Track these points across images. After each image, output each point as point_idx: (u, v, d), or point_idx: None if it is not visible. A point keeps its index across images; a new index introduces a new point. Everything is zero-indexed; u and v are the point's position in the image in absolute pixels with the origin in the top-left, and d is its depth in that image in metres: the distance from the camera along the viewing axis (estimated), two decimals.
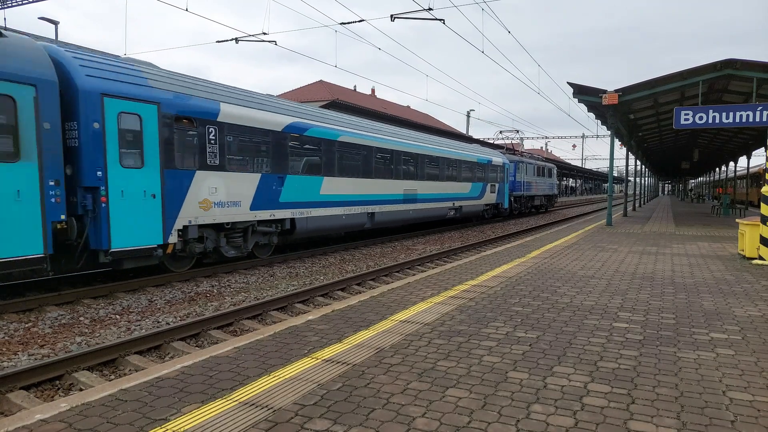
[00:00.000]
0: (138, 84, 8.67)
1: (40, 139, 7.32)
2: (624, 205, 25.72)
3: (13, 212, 7.04)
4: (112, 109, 8.19)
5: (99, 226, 8.04)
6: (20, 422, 2.93)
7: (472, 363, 3.89)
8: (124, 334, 6.47)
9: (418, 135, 19.31)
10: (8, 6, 19.67)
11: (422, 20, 18.33)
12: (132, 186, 8.48)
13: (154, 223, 8.84)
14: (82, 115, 7.87)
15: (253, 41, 16.12)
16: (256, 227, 11.24)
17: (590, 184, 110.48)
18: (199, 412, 3.07)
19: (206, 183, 9.83)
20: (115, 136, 8.25)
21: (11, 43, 7.19)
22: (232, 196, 10.45)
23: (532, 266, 8.58)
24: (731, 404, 3.17)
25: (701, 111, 13.74)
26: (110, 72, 8.36)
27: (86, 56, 8.33)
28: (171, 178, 9.11)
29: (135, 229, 8.52)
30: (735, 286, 7.02)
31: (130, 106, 8.43)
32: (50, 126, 7.46)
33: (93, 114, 7.97)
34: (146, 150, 8.67)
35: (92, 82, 7.98)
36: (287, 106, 12.30)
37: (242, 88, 11.66)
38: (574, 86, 16.40)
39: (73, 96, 7.84)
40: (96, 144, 8.00)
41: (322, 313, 5.48)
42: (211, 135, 9.90)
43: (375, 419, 2.96)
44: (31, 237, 7.24)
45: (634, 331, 4.77)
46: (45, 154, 7.38)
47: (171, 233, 9.14)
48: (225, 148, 10.20)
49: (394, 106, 44.98)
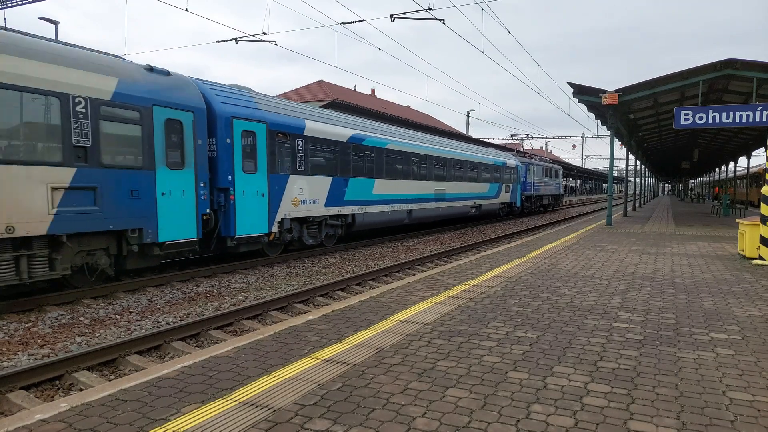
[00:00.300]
0: (252, 108, 11.01)
1: (195, 152, 9.59)
2: (624, 205, 25.73)
3: (181, 207, 9.37)
4: (238, 128, 10.51)
5: (228, 218, 10.36)
6: (20, 422, 2.93)
7: (472, 363, 3.89)
8: (124, 334, 6.47)
9: (445, 141, 21.84)
10: (8, 6, 19.68)
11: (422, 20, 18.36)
12: (249, 187, 10.82)
13: (263, 216, 11.21)
14: (219, 133, 10.18)
15: (253, 41, 16.12)
16: (327, 221, 13.62)
17: (590, 184, 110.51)
18: (199, 412, 3.07)
19: (296, 185, 12.20)
20: (240, 149, 10.56)
21: (175, 79, 9.45)
22: (313, 195, 12.84)
23: (532, 266, 8.58)
24: (731, 404, 3.17)
25: (701, 111, 13.74)
26: (235, 99, 10.75)
27: (219, 87, 10.75)
28: (274, 181, 11.48)
29: (251, 220, 10.86)
30: (735, 286, 7.02)
31: (248, 125, 10.76)
32: (201, 142, 9.71)
33: (226, 132, 10.25)
34: (258, 159, 11.01)
35: (225, 108, 10.32)
36: (349, 120, 14.92)
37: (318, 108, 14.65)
38: (574, 86, 16.40)
39: (213, 119, 10.17)
40: (227, 155, 10.28)
41: (322, 313, 5.48)
42: (299, 146, 12.28)
43: (375, 419, 2.96)
44: (190, 225, 9.56)
45: (634, 331, 4.77)
46: (198, 163, 9.67)
47: (273, 224, 11.50)
48: (308, 156, 12.57)
49: (394, 106, 44.99)
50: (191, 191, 9.51)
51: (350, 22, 15.01)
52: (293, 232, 12.39)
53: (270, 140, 11.29)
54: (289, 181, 11.95)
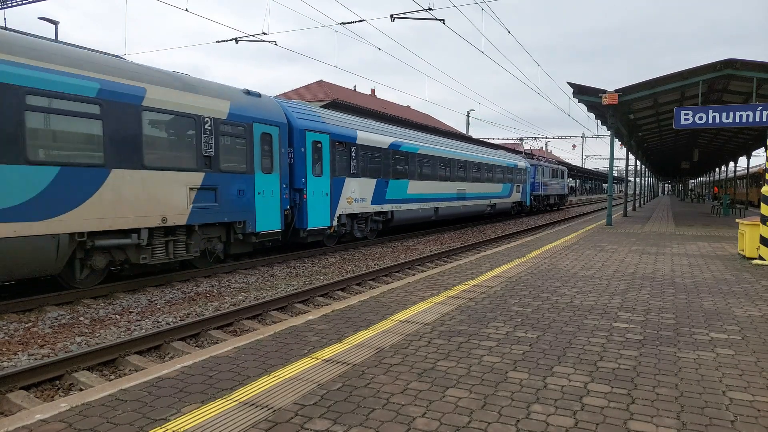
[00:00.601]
0: (319, 122, 13.22)
1: (280, 159, 11.73)
2: (624, 205, 25.73)
3: (270, 204, 11.45)
4: (309, 139, 12.61)
5: (302, 214, 12.46)
6: (20, 422, 2.93)
7: (472, 363, 3.89)
8: (124, 334, 6.47)
9: (465, 145, 23.79)
10: (8, 6, 19.67)
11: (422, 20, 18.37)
12: (317, 188, 12.94)
13: (327, 212, 13.33)
14: (296, 144, 12.32)
15: (253, 41, 16.12)
16: (372, 216, 15.76)
17: (590, 184, 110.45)
18: (199, 412, 3.07)
19: (350, 186, 14.30)
20: (310, 156, 12.64)
21: (265, 100, 11.66)
22: (362, 195, 14.93)
23: (532, 266, 8.58)
24: (731, 404, 3.17)
25: (701, 111, 13.74)
26: (307, 115, 12.91)
27: (295, 106, 12.90)
28: (335, 183, 13.62)
29: (318, 216, 12.99)
30: (735, 286, 7.02)
31: (317, 137, 12.90)
32: (284, 151, 11.84)
33: (301, 143, 12.38)
34: (324, 164, 13.17)
35: (300, 123, 12.46)
36: (389, 129, 17.23)
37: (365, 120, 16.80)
38: (574, 86, 16.40)
39: (291, 132, 12.33)
40: (302, 161, 12.41)
41: (322, 313, 5.48)
42: (353, 153, 14.39)
43: (375, 419, 2.96)
44: (276, 219, 11.65)
45: (634, 331, 4.77)
46: (282, 168, 11.80)
47: (333, 219, 13.63)
48: (359, 161, 14.68)
49: (394, 106, 44.98)
50: (277, 191, 11.70)
51: (350, 22, 15.00)
52: (347, 226, 14.52)
53: (332, 148, 13.49)
54: (345, 182, 14.13)
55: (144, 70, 8.96)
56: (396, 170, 16.65)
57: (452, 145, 21.68)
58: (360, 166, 14.70)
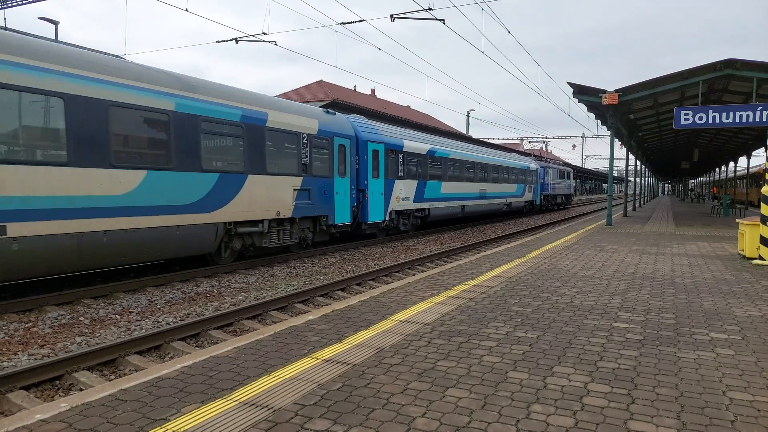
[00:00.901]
0: (377, 134, 15.80)
1: (350, 166, 14.30)
2: (624, 205, 25.73)
3: (343, 202, 14.01)
4: (370, 148, 15.17)
5: (364, 210, 15.00)
6: (20, 422, 2.93)
7: (472, 363, 3.89)
8: (124, 334, 6.47)
9: (485, 149, 26.65)
10: (8, 6, 19.67)
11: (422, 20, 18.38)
12: (376, 188, 15.46)
13: (382, 209, 15.82)
14: (361, 152, 14.91)
15: (253, 41, 16.12)
16: (414, 213, 18.27)
17: (589, 184, 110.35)
18: (199, 412, 3.07)
19: (398, 187, 16.79)
20: (371, 162, 15.17)
21: (340, 118, 14.33)
22: (407, 194, 17.39)
23: (532, 266, 8.58)
24: (731, 404, 3.17)
25: (701, 111, 13.74)
26: (368, 129, 15.49)
27: (359, 122, 15.46)
28: (388, 184, 16.15)
29: (376, 211, 15.50)
30: (735, 286, 7.02)
31: (375, 146, 15.48)
32: (352, 159, 14.43)
33: (364, 151, 14.95)
34: (380, 169, 15.68)
35: (364, 135, 15.04)
36: (426, 138, 19.90)
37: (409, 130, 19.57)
38: (574, 86, 16.39)
39: (357, 143, 14.85)
40: (365, 166, 14.96)
41: (322, 313, 5.48)
42: (400, 159, 16.98)
43: (375, 419, 2.96)
44: (347, 214, 14.20)
45: (634, 331, 4.77)
46: (351, 173, 14.39)
47: (386, 215, 16.14)
48: (404, 166, 17.21)
49: (394, 106, 44.96)
50: (348, 192, 14.24)
51: (350, 22, 15.00)
52: (394, 221, 16.97)
53: (386, 156, 16.03)
54: (395, 184, 16.63)
55: (266, 98, 11.70)
56: (431, 173, 19.09)
57: (475, 150, 24.13)
58: (405, 170, 17.28)
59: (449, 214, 20.75)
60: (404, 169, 17.17)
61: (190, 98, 9.53)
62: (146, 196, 8.72)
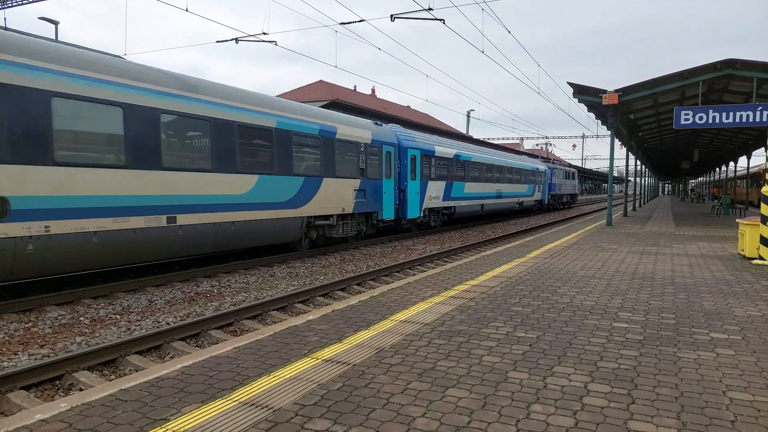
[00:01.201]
0: (414, 141, 18.09)
1: (394, 169, 16.53)
2: (624, 205, 25.73)
3: (389, 200, 16.19)
4: (409, 154, 17.47)
5: (404, 207, 17.24)
6: (20, 422, 2.93)
7: (472, 363, 3.89)
8: (124, 334, 6.47)
9: (500, 152, 29.26)
10: (8, 6, 19.67)
11: (422, 20, 18.43)
12: (413, 189, 17.73)
13: (418, 207, 18.12)
14: (402, 158, 17.17)
15: (253, 41, 16.11)
16: (442, 210, 20.55)
17: (589, 184, 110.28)
18: (199, 412, 3.07)
19: (431, 187, 19.07)
20: (410, 166, 17.42)
21: (386, 129, 16.64)
22: (437, 194, 19.64)
23: (532, 266, 8.58)
24: (731, 404, 3.17)
25: (701, 111, 13.74)
26: (407, 137, 17.84)
27: (400, 131, 17.80)
28: (422, 185, 18.43)
29: (414, 209, 17.83)
30: (735, 286, 7.02)
31: (413, 152, 17.76)
32: (395, 163, 16.66)
33: (404, 157, 17.23)
34: (417, 171, 17.97)
35: (405, 143, 17.34)
36: (453, 143, 22.39)
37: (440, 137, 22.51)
38: (574, 86, 16.39)
39: (399, 149, 17.08)
40: (405, 170, 17.23)
41: (322, 313, 5.48)
42: (432, 162, 19.18)
43: (375, 419, 2.96)
44: (392, 210, 16.48)
45: (634, 331, 4.77)
46: (395, 175, 16.61)
47: (421, 212, 18.41)
48: (435, 169, 19.45)
49: (394, 106, 44.96)
50: (392, 191, 16.50)
51: (350, 22, 15.00)
52: (427, 217, 19.23)
53: (421, 160, 18.29)
54: (428, 185, 18.86)
55: (335, 115, 14.22)
56: (457, 175, 21.30)
57: (492, 153, 26.72)
58: (436, 172, 19.44)
59: (471, 211, 23.10)
60: (435, 172, 19.36)
61: (286, 117, 11.98)
62: (258, 195, 11.17)
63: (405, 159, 17.16)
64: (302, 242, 13.09)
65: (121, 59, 8.98)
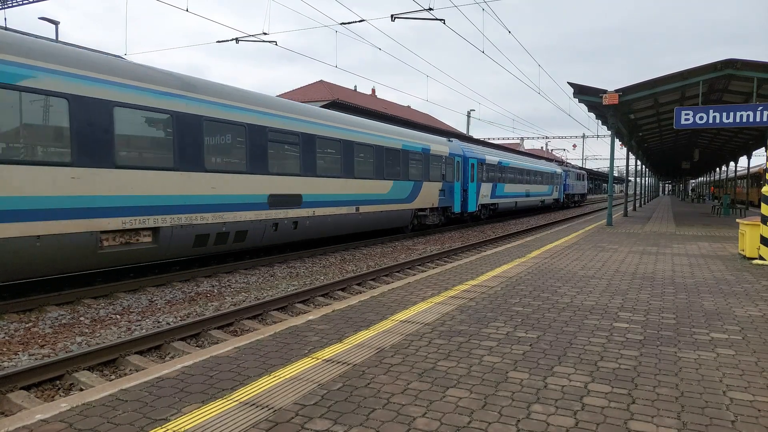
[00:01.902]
0: (472, 152, 23.19)
1: (459, 174, 21.57)
2: (624, 205, 25.73)
3: (457, 198, 21.51)
4: (470, 162, 22.48)
5: (466, 203, 22.36)
6: (20, 422, 2.93)
7: (473, 363, 3.89)
8: (125, 334, 6.47)
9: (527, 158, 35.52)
10: (8, 6, 19.68)
11: (422, 20, 18.40)
12: (472, 189, 22.79)
13: (475, 203, 23.22)
14: (465, 165, 22.28)
15: (253, 41, 16.12)
16: (489, 206, 25.59)
17: (590, 184, 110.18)
18: (199, 412, 3.07)
19: (483, 187, 24.09)
20: (469, 171, 22.38)
21: (454, 143, 22.23)
22: (486, 193, 24.64)
23: (533, 266, 8.58)
24: (731, 404, 3.17)
25: (701, 111, 13.74)
26: (469, 149, 23.20)
27: (464, 145, 23.40)
28: (478, 186, 23.47)
29: (472, 205, 22.88)
30: (735, 286, 7.02)
31: (473, 161, 22.83)
32: (461, 169, 21.90)
33: (467, 165, 22.35)
34: (474, 175, 22.96)
35: (468, 154, 22.57)
36: (497, 152, 28.38)
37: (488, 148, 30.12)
38: (575, 86, 16.39)
39: (463, 159, 22.10)
40: (467, 175, 22.34)
41: (323, 313, 5.48)
42: (483, 168, 24.19)
43: (375, 419, 2.96)
44: (459, 206, 21.69)
45: (634, 331, 4.77)
46: (460, 179, 21.79)
47: (477, 207, 23.50)
48: (486, 173, 24.52)
49: (395, 106, 44.94)
50: (459, 191, 21.56)
51: (350, 22, 15.01)
52: (479, 212, 24.26)
53: (478, 166, 23.41)
54: (481, 186, 23.96)
55: (428, 136, 19.65)
56: (499, 177, 26.32)
57: (522, 159, 32.22)
58: (486, 176, 24.48)
59: (509, 208, 28.37)
60: (486, 175, 24.48)
61: (407, 141, 17.46)
62: (393, 194, 16.54)
63: (467, 166, 22.31)
64: (408, 227, 18.40)
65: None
